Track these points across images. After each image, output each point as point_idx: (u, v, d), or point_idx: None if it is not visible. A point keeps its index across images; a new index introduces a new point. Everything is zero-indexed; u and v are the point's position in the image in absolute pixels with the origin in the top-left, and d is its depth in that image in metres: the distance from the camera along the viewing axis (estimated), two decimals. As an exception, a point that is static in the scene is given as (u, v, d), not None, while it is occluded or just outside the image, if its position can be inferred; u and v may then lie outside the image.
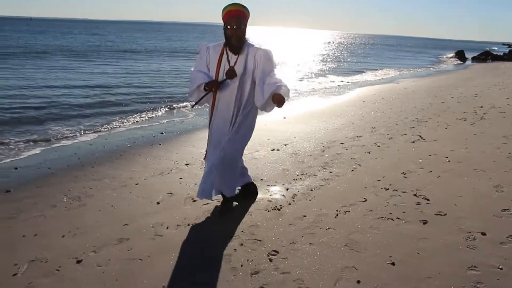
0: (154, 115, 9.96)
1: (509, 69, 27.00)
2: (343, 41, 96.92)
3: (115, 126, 8.64)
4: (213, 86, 3.74)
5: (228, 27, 3.69)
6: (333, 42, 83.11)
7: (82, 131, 8.05)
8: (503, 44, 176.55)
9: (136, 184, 4.98)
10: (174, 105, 11.16)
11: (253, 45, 3.83)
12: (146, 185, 4.95)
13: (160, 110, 10.62)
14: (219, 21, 3.82)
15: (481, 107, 10.99)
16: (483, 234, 3.77)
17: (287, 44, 59.41)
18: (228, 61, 3.77)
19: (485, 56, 44.24)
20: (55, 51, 28.10)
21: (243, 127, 3.93)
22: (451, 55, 47.77)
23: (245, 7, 3.76)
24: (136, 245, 3.48)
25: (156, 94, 13.15)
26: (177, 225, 3.85)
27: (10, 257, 3.30)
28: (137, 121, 9.24)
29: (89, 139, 7.46)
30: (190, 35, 75.33)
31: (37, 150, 6.70)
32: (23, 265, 3.19)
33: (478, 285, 2.99)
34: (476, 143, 7.03)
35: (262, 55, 3.77)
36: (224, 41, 3.82)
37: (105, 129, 8.33)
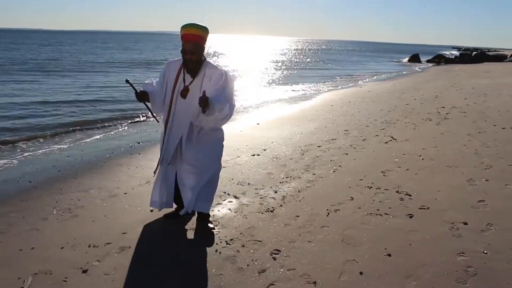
0: (121, 127, 9.85)
1: (462, 72, 28.30)
2: (300, 47, 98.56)
3: (84, 137, 8.53)
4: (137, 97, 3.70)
5: (184, 51, 3.59)
6: (290, 49, 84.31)
7: (51, 143, 7.92)
8: (453, 47, 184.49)
9: (125, 193, 4.99)
10: (142, 116, 11.14)
11: (212, 65, 3.71)
12: (135, 194, 4.97)
13: (126, 122, 10.55)
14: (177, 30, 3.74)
15: (443, 107, 11.53)
16: (465, 224, 4.04)
17: (249, 51, 59.83)
18: (184, 80, 3.69)
19: (439, 59, 46.20)
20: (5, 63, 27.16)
21: (205, 148, 3.77)
22: (407, 59, 49.49)
23: (202, 28, 3.59)
24: (139, 252, 3.52)
25: (119, 106, 13.05)
26: (176, 232, 3.91)
27: (11, 272, 3.26)
28: (109, 132, 9.14)
29: (63, 149, 7.34)
30: (147, 45, 74.41)
31: (10, 163, 6.55)
32: (28, 278, 3.16)
33: (468, 269, 3.22)
34: (444, 142, 7.41)
35: (217, 78, 3.64)
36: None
37: (75, 140, 8.22)
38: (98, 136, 8.64)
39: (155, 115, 3.97)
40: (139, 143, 7.86)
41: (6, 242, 3.78)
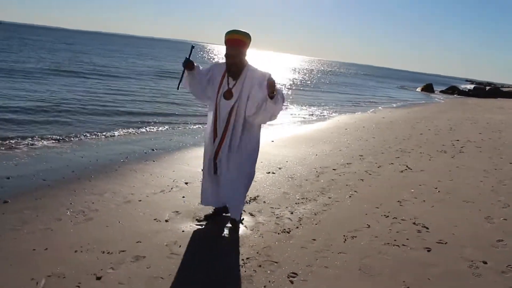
0: (139, 131, 9.86)
1: (476, 105, 28.21)
2: (314, 67, 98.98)
3: (97, 139, 8.52)
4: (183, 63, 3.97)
5: (226, 56, 3.92)
6: (302, 68, 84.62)
7: (64, 140, 7.92)
8: (466, 80, 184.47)
9: (140, 200, 4.95)
10: (154, 121, 11.18)
11: (253, 68, 4.02)
12: (150, 202, 4.93)
13: (142, 127, 10.58)
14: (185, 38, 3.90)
15: (458, 140, 11.44)
16: (485, 263, 3.94)
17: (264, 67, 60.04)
18: (228, 83, 3.99)
19: (452, 90, 46.13)
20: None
21: (244, 150, 4.08)
22: (420, 88, 49.48)
23: (245, 34, 3.91)
24: (154, 263, 3.46)
25: (137, 110, 13.10)
26: (191, 245, 3.86)
27: (24, 272, 3.23)
28: (124, 135, 9.15)
29: (76, 149, 7.33)
30: (163, 52, 74.95)
31: (23, 158, 6.55)
32: (41, 280, 3.12)
33: (490, 313, 3.13)
34: (460, 175, 7.32)
35: (260, 77, 3.91)
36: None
37: (89, 142, 8.21)
38: (112, 139, 8.64)
39: (182, 86, 4.16)
40: (153, 150, 7.85)
41: (20, 239, 3.76)
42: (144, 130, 10.16)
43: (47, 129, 9.12)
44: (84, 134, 8.84)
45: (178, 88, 4.17)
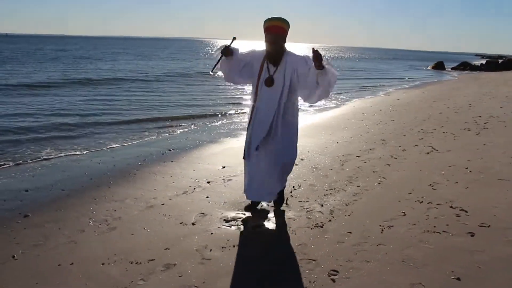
0: (150, 133, 9.67)
1: (490, 79, 27.62)
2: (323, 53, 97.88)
3: (112, 143, 8.38)
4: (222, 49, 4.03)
5: (268, 42, 3.99)
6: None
7: (80, 149, 7.78)
8: (476, 55, 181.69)
9: (163, 204, 4.78)
10: (171, 122, 11.04)
11: (291, 53, 4.07)
12: (173, 205, 4.76)
13: (155, 126, 10.43)
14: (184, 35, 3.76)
15: (479, 117, 11.10)
16: (535, 246, 3.69)
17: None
18: (268, 70, 4.04)
19: (464, 66, 45.33)
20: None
21: (285, 135, 4.14)
22: (431, 66, 48.72)
23: (284, 21, 3.98)
24: (186, 271, 3.28)
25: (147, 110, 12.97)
26: (222, 247, 3.67)
27: (51, 289, 3.07)
28: (137, 138, 8.99)
29: (92, 155, 7.19)
30: (164, 52, 74.74)
31: (42, 170, 6.42)
32: (70, 297, 2.96)
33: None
34: (490, 153, 7.03)
35: (301, 62, 3.98)
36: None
37: (104, 147, 8.08)
38: (129, 143, 8.48)
39: (217, 69, 4.22)
40: (170, 150, 7.68)
41: (44, 256, 3.60)
42: (158, 129, 10.01)
43: (64, 138, 8.93)
44: (101, 142, 8.69)
45: (212, 71, 4.20)
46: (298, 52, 4.14)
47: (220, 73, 4.33)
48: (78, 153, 7.55)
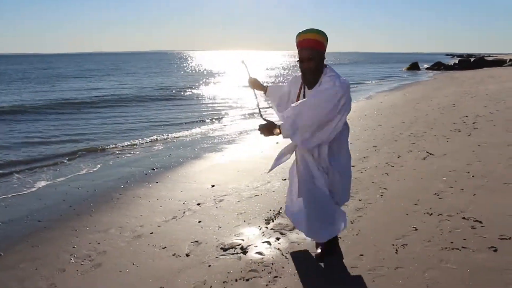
0: (131, 151, 9.20)
1: (466, 78, 27.90)
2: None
3: (90, 165, 7.84)
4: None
5: (300, 60, 3.16)
6: (290, 62, 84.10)
7: (55, 173, 7.25)
8: (447, 54, 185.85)
9: (151, 233, 4.35)
10: (155, 137, 10.57)
11: (331, 73, 3.15)
12: (163, 233, 4.33)
13: (135, 143, 9.94)
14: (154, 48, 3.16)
15: (466, 116, 10.95)
16: None
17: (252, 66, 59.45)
18: (304, 95, 3.26)
19: (438, 66, 45.99)
20: None
21: (336, 165, 3.28)
22: (406, 67, 49.29)
23: (320, 32, 3.10)
24: (186, 315, 2.86)
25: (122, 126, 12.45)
26: (223, 282, 3.26)
27: None
28: (116, 157, 8.49)
29: (71, 179, 6.68)
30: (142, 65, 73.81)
31: (13, 200, 5.89)
32: None
33: None
34: (487, 155, 6.80)
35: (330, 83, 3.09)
36: None
37: (82, 169, 7.54)
38: (109, 163, 7.98)
39: (261, 107, 3.41)
40: (154, 169, 7.22)
41: (19, 304, 3.12)
42: (134, 148, 9.51)
43: (38, 161, 8.39)
44: (74, 159, 8.19)
45: (261, 116, 3.33)
46: (336, 74, 3.16)
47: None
48: (54, 177, 7.02)
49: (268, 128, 3.14)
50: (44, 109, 16.85)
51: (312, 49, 3.08)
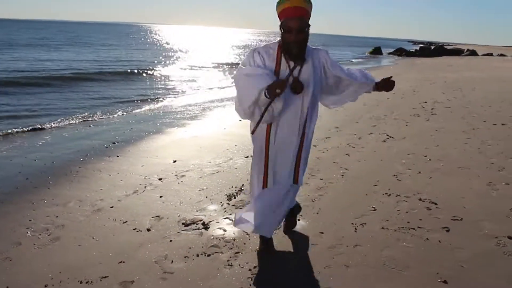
0: (91, 120, 8.98)
1: (426, 65, 28.68)
2: (263, 38, 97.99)
3: (47, 136, 7.60)
4: (278, 87, 2.63)
5: (287, 31, 2.75)
6: (254, 40, 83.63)
7: (10, 141, 6.98)
8: (408, 41, 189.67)
9: (111, 207, 4.27)
10: (117, 111, 10.32)
11: (311, 48, 2.97)
12: (124, 207, 4.26)
13: (96, 114, 9.70)
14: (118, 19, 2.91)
15: (425, 102, 11.30)
16: (510, 238, 3.59)
17: (216, 44, 58.80)
18: (291, 71, 2.85)
19: (400, 52, 46.93)
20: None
21: (305, 150, 3.11)
22: (369, 51, 50.01)
23: (307, 0, 2.77)
24: (147, 289, 2.85)
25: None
26: (185, 257, 3.26)
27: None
28: (75, 129, 8.26)
29: (27, 150, 6.44)
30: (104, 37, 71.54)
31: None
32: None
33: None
34: (443, 140, 7.05)
35: (325, 56, 3.02)
36: (276, 42, 2.91)
37: (38, 140, 7.29)
38: (65, 134, 7.75)
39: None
40: (115, 143, 7.06)
41: (-29, 278, 3.02)
42: (95, 118, 9.26)
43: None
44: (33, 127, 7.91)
45: (253, 133, 3.07)
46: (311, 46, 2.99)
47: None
48: (7, 146, 6.74)
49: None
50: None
51: (301, 18, 2.72)
